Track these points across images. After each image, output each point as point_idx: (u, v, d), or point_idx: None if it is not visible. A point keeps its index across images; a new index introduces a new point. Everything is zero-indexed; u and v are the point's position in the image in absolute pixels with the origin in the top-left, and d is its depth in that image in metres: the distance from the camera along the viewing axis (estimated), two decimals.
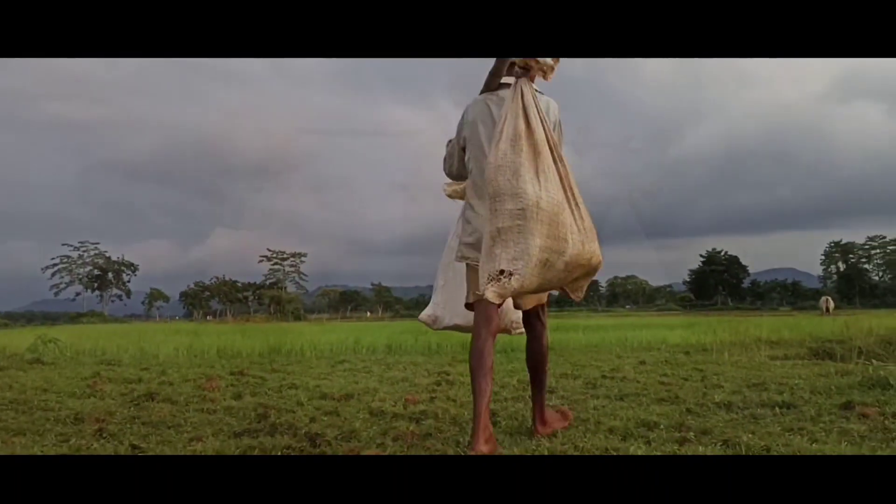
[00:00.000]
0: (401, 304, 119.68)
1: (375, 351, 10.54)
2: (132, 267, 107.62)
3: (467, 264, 3.53)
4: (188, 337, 13.49)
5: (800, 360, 8.72)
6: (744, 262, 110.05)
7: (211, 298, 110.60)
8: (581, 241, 3.13)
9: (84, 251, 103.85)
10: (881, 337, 11.84)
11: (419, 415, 4.36)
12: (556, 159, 3.18)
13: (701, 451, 3.24)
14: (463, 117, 3.59)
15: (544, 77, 3.34)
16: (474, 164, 3.47)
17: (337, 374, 7.23)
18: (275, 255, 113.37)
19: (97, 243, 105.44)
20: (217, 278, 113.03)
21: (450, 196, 4.30)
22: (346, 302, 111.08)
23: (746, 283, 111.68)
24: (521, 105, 3.18)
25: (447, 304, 4.12)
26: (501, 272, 2.99)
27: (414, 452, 3.26)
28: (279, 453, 3.29)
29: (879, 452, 3.09)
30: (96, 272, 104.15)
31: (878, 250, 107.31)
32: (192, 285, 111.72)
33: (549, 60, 3.28)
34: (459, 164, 3.69)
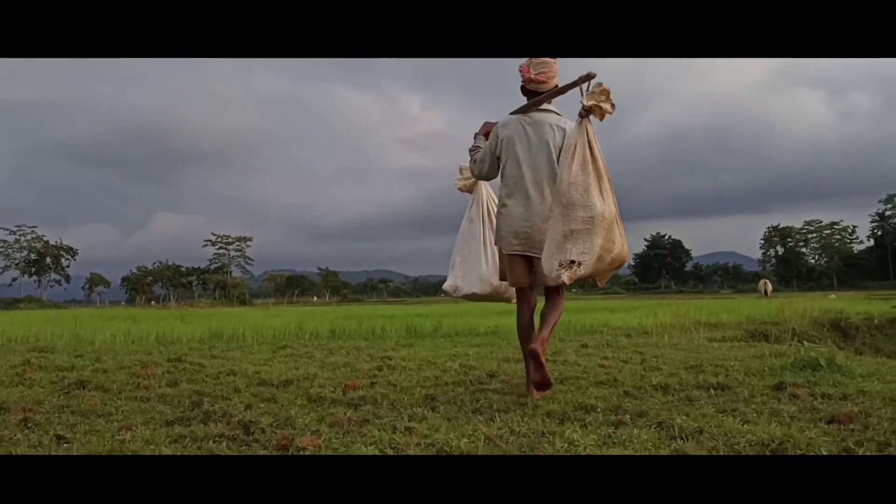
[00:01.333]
0: (348, 288, 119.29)
1: (319, 336, 10.43)
2: (71, 251, 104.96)
3: (502, 251, 4.56)
4: (126, 322, 13.15)
5: (736, 342, 8.93)
6: (687, 246, 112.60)
7: (154, 283, 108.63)
8: (622, 245, 4.13)
9: (21, 235, 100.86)
10: (814, 319, 12.24)
11: (358, 401, 4.31)
12: (609, 180, 4.10)
13: (635, 433, 3.26)
14: (497, 133, 4.54)
15: (600, 119, 4.07)
16: (510, 171, 4.44)
17: (278, 359, 7.13)
18: (220, 240, 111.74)
19: (34, 227, 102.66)
20: (160, 263, 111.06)
21: (460, 189, 5.22)
22: (292, 286, 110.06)
23: (689, 266, 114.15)
24: (587, 139, 4.06)
25: (465, 277, 5.02)
26: (572, 262, 3.93)
27: (349, 439, 3.22)
28: (211, 442, 3.21)
29: (807, 433, 3.15)
30: (34, 257, 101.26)
31: (814, 234, 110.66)
32: (134, 270, 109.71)
33: (608, 107, 4.02)
34: (490, 168, 4.63)
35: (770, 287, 39.68)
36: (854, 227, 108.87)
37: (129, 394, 4.83)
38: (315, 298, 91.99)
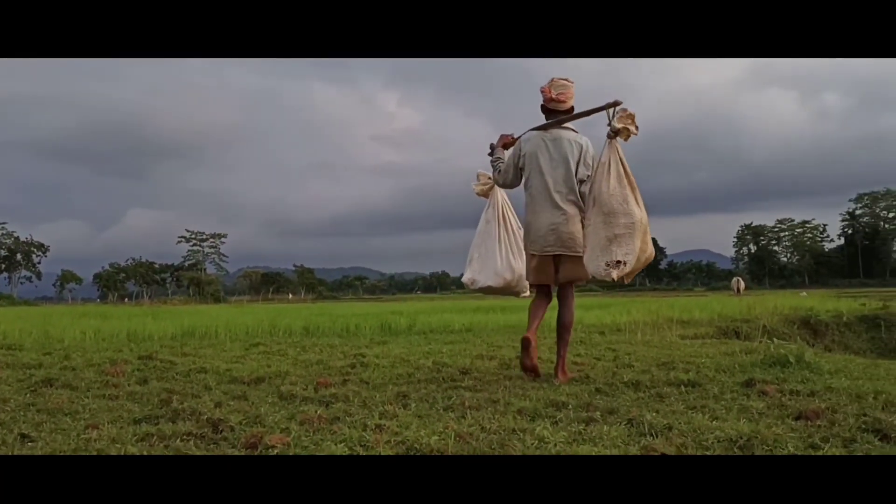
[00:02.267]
0: (324, 285, 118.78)
1: (292, 333, 10.36)
2: (42, 248, 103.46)
3: (530, 253, 5.16)
4: (97, 320, 12.97)
5: (708, 339, 9.00)
6: (661, 244, 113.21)
7: (127, 280, 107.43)
8: (650, 247, 4.79)
9: None
10: (785, 316, 12.38)
11: (330, 398, 4.29)
12: (639, 191, 4.72)
13: (605, 430, 3.28)
14: (521, 147, 5.14)
15: (625, 139, 4.72)
16: (534, 182, 5.02)
17: (250, 357, 7.07)
18: (194, 236, 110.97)
19: (4, 223, 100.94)
20: (133, 259, 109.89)
21: (478, 194, 5.77)
22: (267, 284, 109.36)
23: (664, 264, 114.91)
24: (619, 156, 4.72)
25: (481, 271, 5.53)
26: (618, 262, 4.57)
27: (319, 437, 3.20)
28: (178, 440, 3.17)
29: (774, 429, 3.18)
30: (3, 253, 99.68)
31: (786, 233, 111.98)
32: (106, 267, 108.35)
33: (634, 129, 4.68)
34: (514, 178, 5.24)
35: (742, 285, 40.10)
36: (825, 225, 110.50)
37: (97, 392, 4.77)
38: (290, 296, 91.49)
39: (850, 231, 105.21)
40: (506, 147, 5.39)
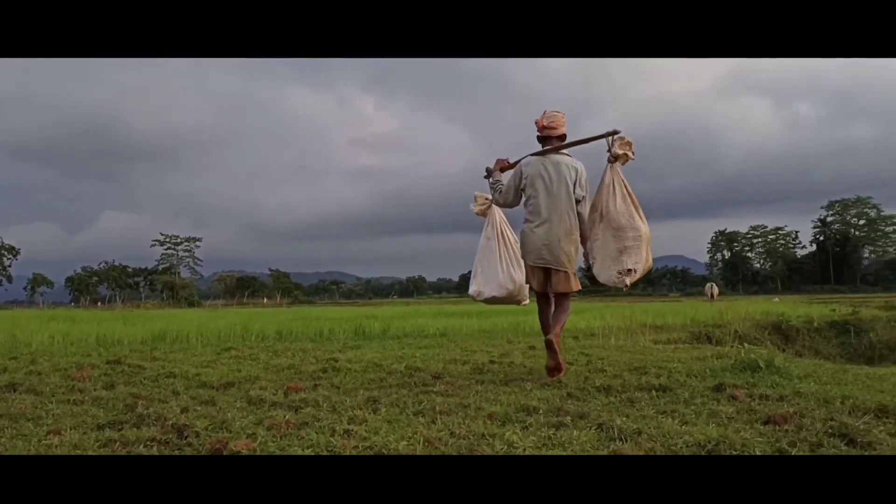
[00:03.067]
0: (300, 290, 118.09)
1: (265, 338, 10.28)
2: (13, 251, 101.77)
3: (528, 263, 5.58)
4: (66, 324, 12.76)
5: (681, 344, 9.05)
6: None
7: (99, 284, 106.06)
8: (651, 256, 5.35)
9: None
10: (756, 321, 12.49)
11: (299, 403, 4.24)
12: (642, 207, 5.30)
13: (575, 434, 3.26)
14: (522, 170, 5.56)
15: (622, 164, 5.32)
16: (534, 202, 5.44)
17: (221, 361, 6.99)
18: (168, 240, 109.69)
19: None
20: (106, 263, 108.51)
21: (477, 213, 6.18)
22: (242, 288, 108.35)
23: None
24: (621, 178, 5.31)
25: (486, 284, 5.92)
26: (629, 270, 5.18)
27: (286, 442, 3.15)
28: (142, 446, 3.12)
29: (742, 434, 3.18)
30: None
31: (759, 239, 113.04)
32: (78, 270, 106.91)
33: (631, 155, 5.28)
34: (515, 198, 5.67)
35: (716, 290, 40.37)
36: (797, 232, 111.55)
37: (61, 397, 4.69)
38: (265, 300, 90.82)
39: (821, 238, 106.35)
40: (502, 170, 5.86)
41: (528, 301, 6.11)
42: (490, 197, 5.99)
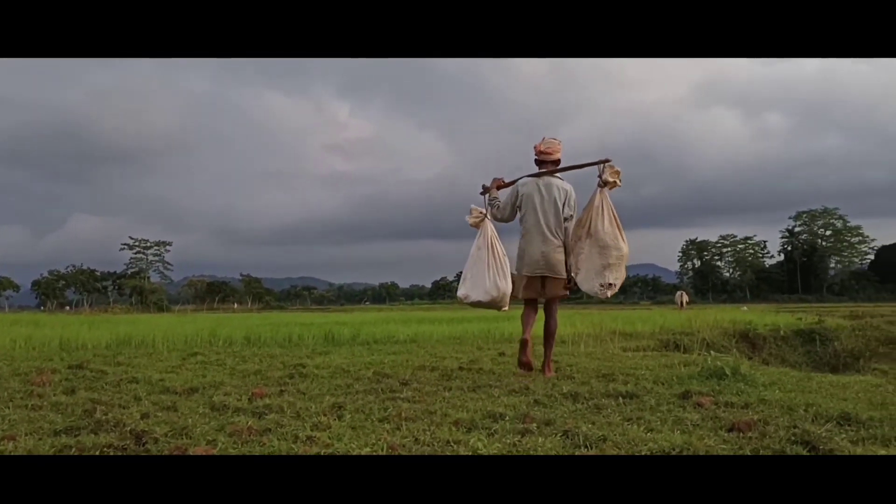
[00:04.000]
0: (271, 295, 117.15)
1: (233, 343, 10.16)
2: None
3: (522, 274, 6.17)
4: (29, 328, 12.53)
5: (649, 351, 9.08)
6: None
7: (66, 288, 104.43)
8: (626, 272, 5.96)
9: None
10: (724, 329, 12.60)
11: (263, 409, 4.19)
12: (623, 229, 5.87)
13: (541, 441, 3.25)
14: (518, 189, 6.20)
15: (610, 189, 5.87)
16: (529, 218, 6.09)
17: (186, 367, 6.89)
18: (137, 243, 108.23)
19: None
20: (73, 266, 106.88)
21: (472, 225, 6.50)
22: (213, 293, 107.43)
23: None
24: (609, 202, 5.85)
25: (473, 288, 6.28)
26: (610, 284, 5.78)
27: (247, 449, 3.10)
28: (98, 452, 3.05)
29: (706, 441, 3.19)
30: None
31: (729, 248, 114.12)
32: (45, 274, 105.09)
33: (619, 182, 5.87)
34: (511, 214, 6.29)
35: (686, 298, 40.67)
36: (765, 242, 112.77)
37: (20, 402, 4.59)
38: (236, 305, 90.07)
39: (789, 248, 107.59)
40: (499, 188, 6.45)
41: (507, 308, 6.46)
42: (484, 210, 6.48)
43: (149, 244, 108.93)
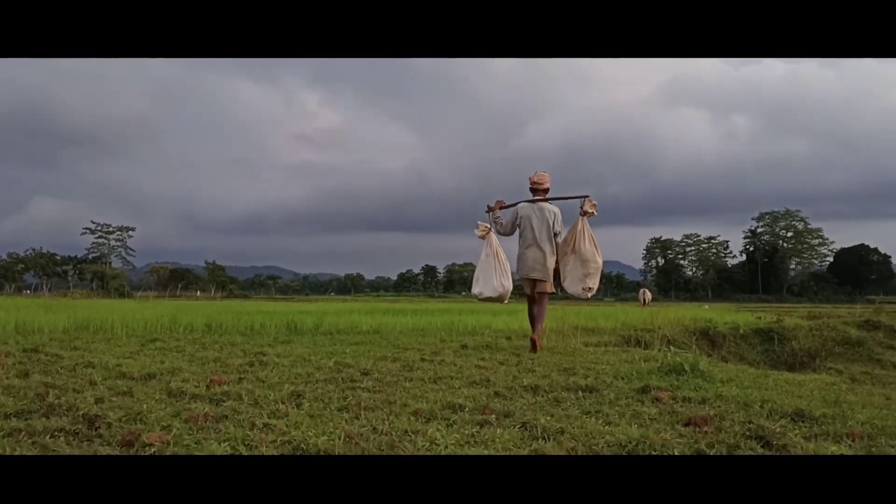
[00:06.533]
0: (235, 283, 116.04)
1: (193, 330, 10.02)
2: None
3: (525, 277, 8.07)
4: None
5: (611, 346, 9.16)
6: None
7: (25, 272, 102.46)
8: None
9: None
10: (685, 327, 12.74)
11: (221, 396, 4.14)
12: (599, 246, 7.89)
13: (499, 433, 3.25)
14: (518, 211, 8.13)
15: (589, 218, 7.86)
16: (526, 233, 8.01)
17: (144, 353, 6.79)
18: (100, 228, 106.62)
19: None
20: (33, 250, 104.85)
21: (479, 237, 8.44)
22: (176, 280, 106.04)
23: None
24: (588, 227, 7.85)
25: (485, 286, 8.22)
26: (590, 288, 7.79)
27: (203, 435, 3.06)
28: (49, 437, 2.98)
29: (663, 434, 3.22)
30: None
31: (692, 247, 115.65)
32: (4, 257, 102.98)
33: (595, 213, 7.84)
34: (511, 230, 8.19)
35: (649, 296, 41.09)
36: (728, 242, 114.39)
37: None
38: (198, 293, 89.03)
39: (751, 248, 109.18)
40: (501, 208, 8.36)
41: (507, 302, 8.52)
42: (488, 225, 8.39)
43: (111, 229, 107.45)
